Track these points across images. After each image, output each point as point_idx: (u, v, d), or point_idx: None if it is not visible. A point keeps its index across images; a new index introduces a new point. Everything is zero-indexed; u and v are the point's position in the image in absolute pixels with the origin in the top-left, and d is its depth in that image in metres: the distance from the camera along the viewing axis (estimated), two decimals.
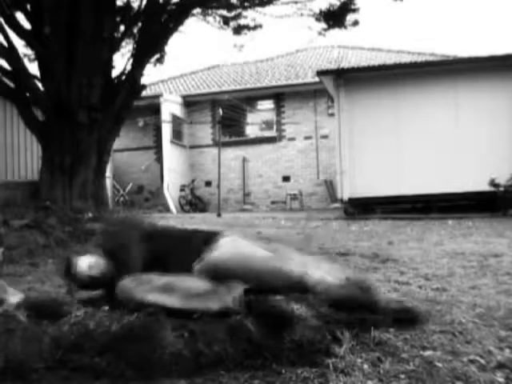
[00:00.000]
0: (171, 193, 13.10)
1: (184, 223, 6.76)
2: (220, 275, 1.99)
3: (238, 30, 8.75)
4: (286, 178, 13.97)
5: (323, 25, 7.98)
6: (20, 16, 6.31)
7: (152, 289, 1.88)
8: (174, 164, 13.71)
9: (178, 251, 2.24)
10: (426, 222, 7.28)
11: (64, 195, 5.90)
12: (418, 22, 51.80)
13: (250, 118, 14.84)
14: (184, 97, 14.63)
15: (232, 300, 1.81)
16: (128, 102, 6.53)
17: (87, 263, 2.27)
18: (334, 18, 7.81)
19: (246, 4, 8.04)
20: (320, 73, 9.97)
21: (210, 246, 2.16)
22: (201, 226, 5.77)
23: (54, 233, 4.86)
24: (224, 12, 8.47)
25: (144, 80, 7.14)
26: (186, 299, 1.83)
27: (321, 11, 7.85)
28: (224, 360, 1.58)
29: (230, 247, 2.17)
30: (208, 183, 14.49)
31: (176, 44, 55.85)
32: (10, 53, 5.99)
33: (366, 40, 36.15)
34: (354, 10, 7.69)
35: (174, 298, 1.83)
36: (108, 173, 10.30)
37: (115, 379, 1.53)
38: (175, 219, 8.08)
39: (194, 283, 1.93)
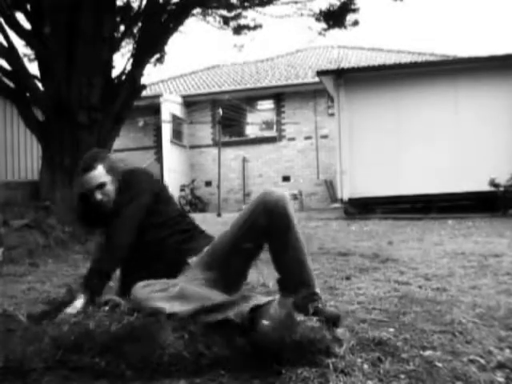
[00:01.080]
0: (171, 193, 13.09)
1: None
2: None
3: (237, 30, 8.73)
4: (286, 178, 13.97)
5: (323, 25, 7.96)
6: (20, 16, 6.30)
7: (169, 298, 1.82)
8: (174, 164, 13.71)
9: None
10: (426, 222, 7.29)
11: (64, 195, 5.89)
12: (418, 21, 51.85)
13: (250, 117, 14.84)
14: (184, 97, 14.63)
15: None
16: (128, 102, 6.51)
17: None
18: (333, 18, 7.78)
19: (246, 4, 8.02)
20: (320, 73, 9.98)
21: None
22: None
23: (53, 233, 4.86)
24: (224, 12, 8.45)
25: (144, 80, 7.13)
26: (204, 307, 1.78)
27: (321, 11, 7.82)
28: (224, 361, 1.58)
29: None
30: (208, 183, 14.49)
31: (176, 44, 55.84)
32: (10, 53, 5.98)
33: (366, 40, 36.22)
34: (354, 10, 7.66)
35: (192, 308, 1.77)
36: None
37: (115, 379, 1.53)
38: None
39: (212, 293, 1.85)
